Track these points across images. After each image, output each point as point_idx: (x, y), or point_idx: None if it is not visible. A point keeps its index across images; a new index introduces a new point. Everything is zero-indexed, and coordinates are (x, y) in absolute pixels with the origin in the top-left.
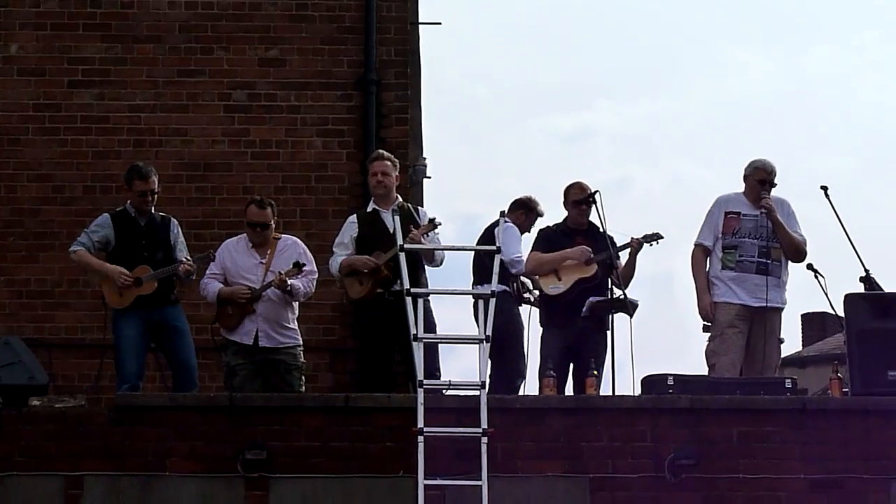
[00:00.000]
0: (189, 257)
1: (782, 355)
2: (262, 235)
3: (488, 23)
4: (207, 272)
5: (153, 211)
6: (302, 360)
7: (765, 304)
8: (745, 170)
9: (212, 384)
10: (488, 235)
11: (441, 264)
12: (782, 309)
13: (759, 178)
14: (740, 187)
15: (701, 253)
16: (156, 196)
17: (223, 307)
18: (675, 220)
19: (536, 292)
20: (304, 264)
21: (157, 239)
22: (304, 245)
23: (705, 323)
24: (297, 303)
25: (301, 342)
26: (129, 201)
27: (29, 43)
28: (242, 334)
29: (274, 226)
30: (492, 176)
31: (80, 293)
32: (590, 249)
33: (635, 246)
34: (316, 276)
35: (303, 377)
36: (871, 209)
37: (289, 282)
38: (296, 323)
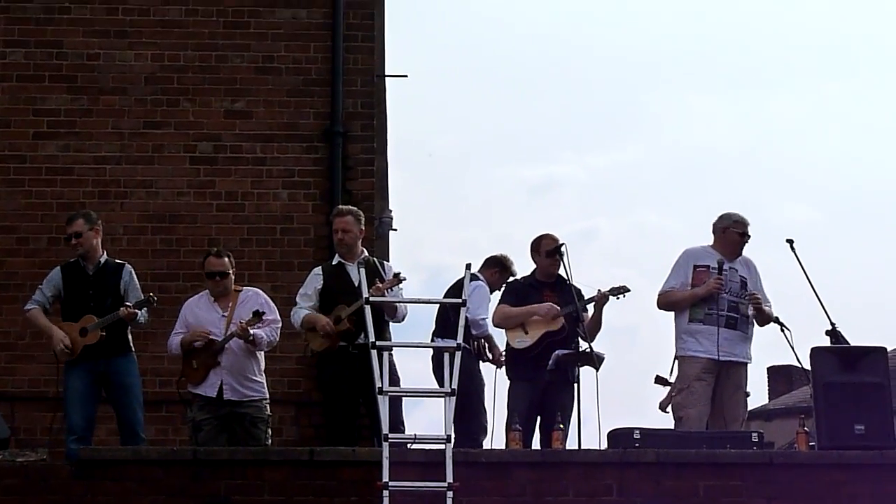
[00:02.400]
0: (129, 303)
1: (748, 408)
2: (221, 285)
3: (454, 75)
4: (173, 331)
5: (103, 258)
6: (268, 412)
7: (732, 359)
8: (720, 222)
9: (175, 437)
10: (456, 289)
11: (403, 320)
12: (749, 363)
13: (741, 231)
14: (706, 237)
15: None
16: (82, 240)
17: (188, 362)
18: (641, 271)
19: (498, 350)
20: (263, 313)
21: (106, 286)
22: (265, 295)
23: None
24: (263, 354)
25: (267, 395)
26: None
27: None
28: (207, 387)
29: (233, 276)
30: (458, 227)
31: (44, 346)
32: (557, 307)
33: (602, 299)
34: (279, 324)
35: (269, 430)
36: (837, 261)
37: (251, 331)
38: (262, 375)
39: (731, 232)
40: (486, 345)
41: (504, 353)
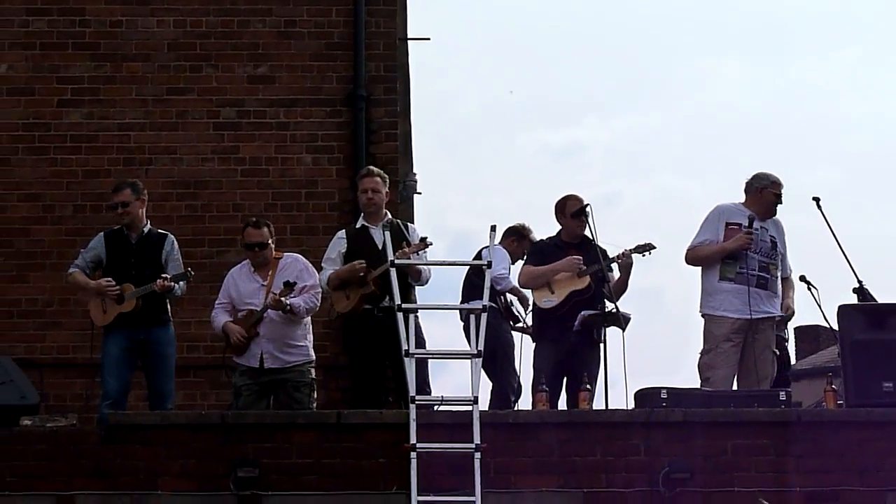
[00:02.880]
0: (167, 275)
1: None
2: (261, 256)
3: (477, 38)
4: (216, 303)
5: (146, 227)
6: (312, 376)
7: (763, 316)
8: (756, 182)
9: (203, 402)
10: (480, 257)
11: (426, 284)
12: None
13: (777, 192)
14: (729, 199)
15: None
16: (129, 210)
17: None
18: (664, 234)
19: (523, 313)
20: (294, 283)
21: (147, 256)
22: (305, 260)
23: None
24: (308, 318)
25: (312, 358)
26: None
27: (18, 62)
28: (249, 357)
29: (273, 244)
30: (482, 192)
31: (71, 312)
32: (580, 258)
33: (627, 258)
34: (319, 289)
35: (314, 393)
36: (861, 220)
37: (286, 301)
38: (307, 339)
39: (769, 192)
40: (515, 299)
41: (530, 313)
